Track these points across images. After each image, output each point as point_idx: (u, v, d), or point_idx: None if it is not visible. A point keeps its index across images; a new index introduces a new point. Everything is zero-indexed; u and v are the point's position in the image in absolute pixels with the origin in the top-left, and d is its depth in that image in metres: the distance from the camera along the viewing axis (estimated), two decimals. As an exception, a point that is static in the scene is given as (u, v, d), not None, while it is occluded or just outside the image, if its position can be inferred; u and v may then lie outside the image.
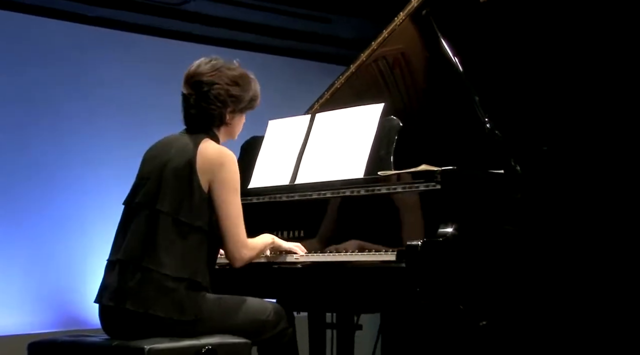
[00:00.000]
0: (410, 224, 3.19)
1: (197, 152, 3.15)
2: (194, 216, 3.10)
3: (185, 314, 3.04)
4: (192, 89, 3.28)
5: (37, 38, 6.96)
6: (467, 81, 3.67)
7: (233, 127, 3.38)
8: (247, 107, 3.38)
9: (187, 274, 3.06)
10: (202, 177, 3.12)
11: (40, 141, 6.88)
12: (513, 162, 3.50)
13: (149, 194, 3.17)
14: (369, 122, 3.57)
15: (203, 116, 3.28)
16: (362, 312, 3.83)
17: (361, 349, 3.93)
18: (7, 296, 6.75)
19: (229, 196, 3.16)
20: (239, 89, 3.30)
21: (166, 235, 3.07)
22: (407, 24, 3.84)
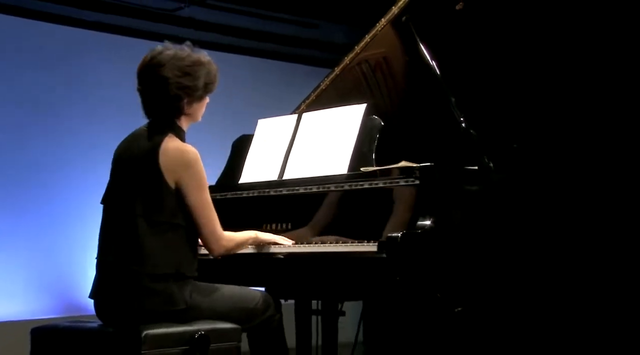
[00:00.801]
0: (390, 217, 3.18)
1: (160, 153, 3.06)
2: (168, 215, 3.05)
3: (177, 304, 3.03)
4: (144, 85, 3.20)
5: (37, 42, 6.95)
6: (444, 83, 3.67)
7: (194, 113, 3.25)
8: (204, 93, 3.25)
9: (172, 269, 3.04)
10: (168, 177, 3.04)
11: (40, 141, 6.88)
12: (486, 158, 3.51)
13: (122, 195, 3.11)
14: (352, 121, 3.57)
15: (160, 110, 3.18)
16: (345, 300, 3.83)
17: (344, 333, 3.93)
18: (12, 285, 6.76)
19: (199, 195, 3.10)
20: (190, 79, 3.16)
21: (146, 237, 3.03)
22: (388, 29, 3.84)
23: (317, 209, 3.49)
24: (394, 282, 3.04)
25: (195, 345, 2.94)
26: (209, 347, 2.97)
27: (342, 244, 3.25)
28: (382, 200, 3.26)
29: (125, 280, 3.03)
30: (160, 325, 2.95)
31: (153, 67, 3.17)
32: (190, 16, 7.50)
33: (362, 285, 3.55)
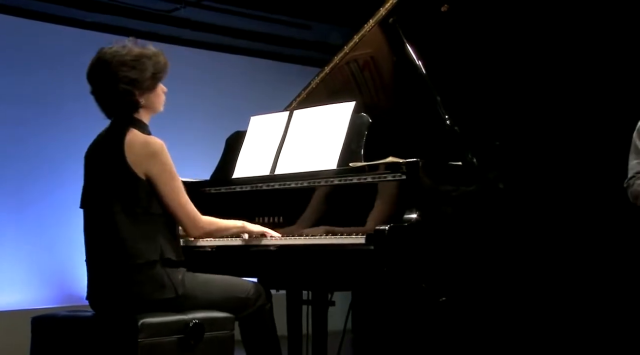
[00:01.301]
0: (378, 211, 3.18)
1: (125, 148, 3.04)
2: (144, 205, 3.04)
3: (166, 291, 3.01)
4: (94, 86, 3.19)
5: (39, 41, 6.97)
6: (429, 83, 3.67)
7: (151, 104, 3.20)
8: (153, 83, 3.18)
9: (157, 256, 3.02)
10: (136, 169, 3.02)
11: (43, 137, 6.90)
12: (470, 155, 3.51)
13: (99, 195, 3.11)
14: (342, 118, 3.56)
15: (116, 107, 3.16)
16: (334, 290, 3.83)
17: (334, 323, 3.93)
18: (14, 276, 6.77)
19: (170, 183, 3.07)
20: (136, 72, 3.11)
21: (126, 229, 3.01)
22: (376, 30, 3.83)
23: (307, 202, 3.49)
24: (381, 273, 3.05)
25: (190, 334, 2.94)
26: (204, 335, 2.97)
27: (331, 236, 3.25)
28: (370, 195, 3.26)
29: (114, 276, 3.02)
30: (156, 314, 2.94)
31: (99, 67, 3.16)
32: (186, 17, 7.50)
33: (351, 276, 3.56)
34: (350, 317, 4.33)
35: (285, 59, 8.51)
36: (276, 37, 8.19)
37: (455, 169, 3.42)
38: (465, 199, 3.42)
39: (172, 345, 2.91)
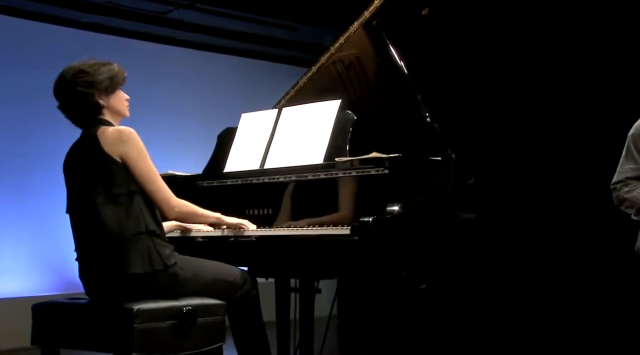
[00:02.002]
0: (362, 203, 3.18)
1: (99, 138, 3.05)
2: (123, 185, 3.04)
3: (156, 263, 3.00)
4: (59, 99, 3.23)
5: (40, 42, 6.96)
6: (411, 82, 3.68)
7: (114, 106, 3.21)
8: (112, 85, 3.19)
9: (142, 228, 3.02)
10: (112, 153, 3.03)
11: (43, 132, 6.89)
12: (449, 150, 3.52)
13: (81, 188, 3.10)
14: (328, 115, 3.56)
15: (81, 112, 3.19)
16: (321, 278, 3.82)
17: (320, 309, 3.93)
18: (16, 264, 6.77)
19: (143, 164, 3.07)
20: (90, 75, 3.14)
21: (108, 210, 3.01)
22: (361, 32, 3.83)
23: (295, 195, 3.48)
24: (365, 262, 3.05)
25: (183, 319, 2.93)
26: (196, 321, 2.97)
27: (318, 227, 3.25)
28: (355, 188, 3.26)
29: (104, 253, 3.01)
30: (151, 301, 2.94)
31: (60, 80, 3.22)
32: (179, 18, 7.49)
33: (337, 265, 3.56)
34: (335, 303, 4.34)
35: (274, 59, 8.52)
36: (265, 38, 8.18)
37: (435, 164, 3.42)
38: (444, 192, 3.42)
39: (166, 331, 2.90)
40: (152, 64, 7.09)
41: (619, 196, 3.10)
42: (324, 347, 3.88)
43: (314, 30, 7.72)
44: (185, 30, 7.70)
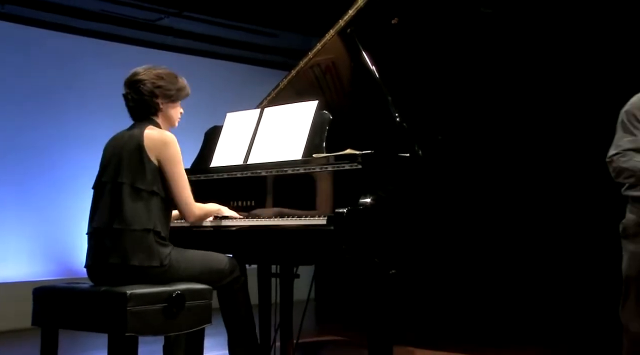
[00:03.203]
0: (337, 196, 3.18)
1: (144, 136, 3.11)
2: (148, 183, 3.06)
3: (154, 259, 3.01)
4: (128, 89, 3.23)
5: (42, 47, 6.96)
6: (382, 85, 3.67)
7: (169, 114, 3.29)
8: (177, 96, 3.29)
9: (150, 226, 3.03)
10: (150, 153, 3.08)
11: (45, 128, 6.97)
12: (416, 147, 3.52)
13: (111, 173, 3.12)
14: (306, 115, 3.55)
15: (140, 107, 3.22)
16: (299, 265, 3.82)
17: (299, 293, 3.93)
18: (18, 251, 6.77)
19: (176, 169, 3.13)
20: (163, 82, 3.22)
21: (128, 200, 3.04)
22: (336, 39, 3.82)
23: (276, 188, 3.47)
24: (340, 250, 3.05)
25: (173, 303, 2.92)
26: (185, 304, 2.96)
27: (297, 218, 3.24)
28: (331, 182, 3.25)
29: (111, 239, 3.01)
30: (143, 286, 2.93)
31: (134, 75, 3.24)
32: (169, 26, 7.50)
33: (314, 252, 3.56)
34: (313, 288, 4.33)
35: (256, 63, 8.52)
36: (248, 43, 8.20)
37: (403, 160, 3.43)
38: (412, 185, 3.43)
39: (157, 313, 2.89)
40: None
41: (618, 167, 2.94)
42: (302, 328, 3.88)
43: (293, 37, 7.73)
44: (174, 37, 7.71)
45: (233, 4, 7.15)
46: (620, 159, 2.93)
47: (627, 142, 2.94)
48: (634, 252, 2.98)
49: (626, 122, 2.96)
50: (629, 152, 2.92)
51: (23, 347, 5.45)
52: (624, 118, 2.99)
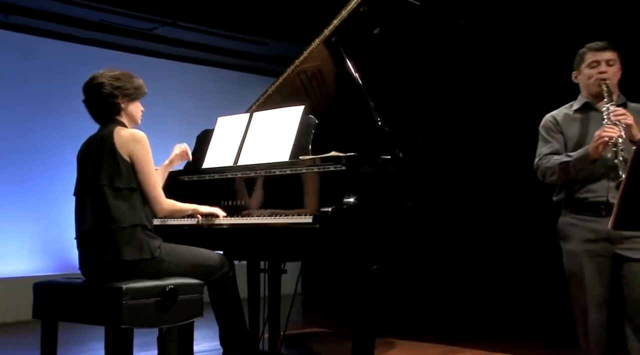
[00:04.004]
0: (322, 195, 3.17)
1: (114, 136, 3.06)
2: (126, 181, 3.03)
3: (145, 252, 2.99)
4: (87, 94, 3.19)
5: (43, 55, 6.98)
6: (364, 91, 3.67)
7: (131, 112, 3.22)
8: (135, 94, 3.22)
9: (137, 221, 3.01)
10: (122, 152, 3.04)
11: (45, 130, 7.01)
12: (397, 150, 3.52)
13: (90, 177, 3.08)
14: (293, 119, 3.54)
15: (102, 109, 3.17)
16: (287, 261, 3.82)
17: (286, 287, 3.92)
18: (19, 248, 6.77)
19: (146, 167, 3.08)
20: (121, 82, 3.16)
21: (112, 200, 3.00)
22: (322, 47, 3.82)
23: (265, 188, 3.46)
24: (325, 246, 3.04)
25: (166, 297, 2.91)
26: (178, 298, 2.94)
27: (284, 216, 3.23)
28: (316, 182, 3.24)
29: (102, 238, 2.99)
30: (138, 280, 2.91)
31: (92, 80, 3.19)
32: (163, 35, 7.51)
33: (300, 249, 3.55)
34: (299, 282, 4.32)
35: (246, 70, 8.54)
36: (239, 52, 8.21)
37: (385, 162, 3.42)
38: (393, 185, 3.42)
39: (151, 307, 2.88)
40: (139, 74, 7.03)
41: (542, 169, 3.12)
42: (289, 320, 3.87)
43: (281, 45, 7.73)
44: (169, 45, 7.72)
45: (224, 14, 7.15)
46: (542, 162, 3.11)
47: (545, 148, 3.12)
48: (569, 251, 3.09)
49: (543, 134, 3.17)
50: (548, 155, 3.10)
51: (24, 339, 5.43)
52: (541, 132, 3.19)
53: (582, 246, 3.03)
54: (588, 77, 3.06)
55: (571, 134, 3.09)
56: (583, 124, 3.08)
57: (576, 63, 3.14)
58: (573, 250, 3.06)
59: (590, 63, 3.05)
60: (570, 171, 3.01)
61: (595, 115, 3.05)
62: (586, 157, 2.93)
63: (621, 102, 3.07)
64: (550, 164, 3.07)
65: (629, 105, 3.10)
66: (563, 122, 3.13)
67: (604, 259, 2.99)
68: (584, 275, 3.00)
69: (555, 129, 3.13)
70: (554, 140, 3.12)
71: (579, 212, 3.06)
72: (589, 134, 3.01)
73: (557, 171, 3.05)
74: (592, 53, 3.05)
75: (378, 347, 3.42)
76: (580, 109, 3.12)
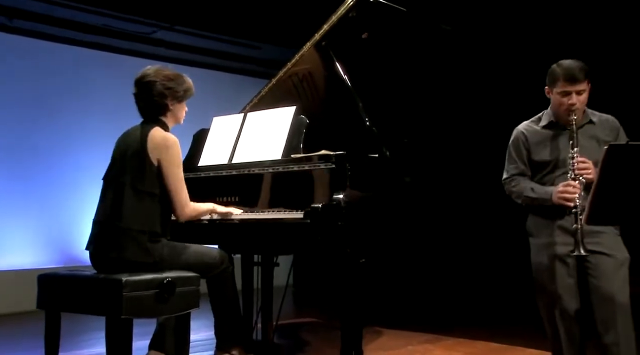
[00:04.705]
0: (313, 192, 3.16)
1: (148, 138, 3.02)
2: (148, 184, 3.00)
3: (148, 256, 2.98)
4: (138, 88, 3.14)
5: (47, 57, 6.97)
6: (353, 92, 3.66)
7: (176, 113, 3.20)
8: (184, 96, 3.20)
9: (148, 227, 2.99)
10: (152, 155, 3.01)
11: (49, 130, 7.03)
12: (384, 149, 3.52)
13: (116, 172, 3.07)
14: (285, 119, 3.54)
15: (150, 107, 3.14)
16: (279, 254, 3.80)
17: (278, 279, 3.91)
18: (24, 242, 6.76)
19: (174, 170, 3.04)
20: (173, 83, 3.13)
21: (129, 200, 2.98)
22: (312, 51, 3.81)
23: (258, 185, 3.45)
24: (315, 241, 3.04)
25: (164, 289, 2.89)
26: (175, 290, 2.93)
27: (276, 212, 3.22)
28: (307, 180, 3.24)
29: (110, 234, 2.98)
30: (138, 273, 2.89)
31: (144, 76, 3.14)
32: (161, 38, 7.52)
33: (292, 243, 3.54)
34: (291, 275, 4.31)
35: (240, 72, 8.54)
36: (233, 54, 8.21)
37: (373, 160, 3.42)
38: (380, 183, 3.42)
39: (150, 298, 2.86)
40: (138, 76, 7.10)
41: (508, 189, 3.24)
42: (281, 311, 3.86)
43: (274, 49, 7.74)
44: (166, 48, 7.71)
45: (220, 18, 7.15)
46: (511, 183, 3.22)
47: (512, 168, 3.22)
48: (535, 245, 3.15)
49: (511, 152, 3.25)
50: (516, 176, 3.20)
51: (29, 328, 5.41)
52: (510, 148, 3.27)
53: (549, 240, 3.07)
54: (559, 104, 3.09)
55: (539, 151, 3.17)
56: (551, 142, 3.15)
57: (549, 80, 3.13)
58: (541, 243, 3.10)
59: (561, 91, 3.07)
60: (534, 204, 3.13)
61: (562, 133, 3.11)
62: (548, 201, 3.03)
63: (585, 121, 3.13)
64: (516, 190, 3.19)
65: (594, 117, 3.16)
66: (532, 138, 3.19)
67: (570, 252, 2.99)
68: (551, 266, 3.04)
69: (523, 147, 3.20)
70: (519, 160, 3.21)
71: (546, 211, 3.10)
72: (557, 151, 3.11)
73: (522, 199, 3.17)
74: (563, 83, 3.05)
75: (366, 335, 3.42)
76: (548, 126, 3.18)
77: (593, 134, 3.11)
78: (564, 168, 3.03)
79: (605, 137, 3.10)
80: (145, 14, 6.89)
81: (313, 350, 3.88)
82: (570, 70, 3.05)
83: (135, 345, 2.87)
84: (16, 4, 6.50)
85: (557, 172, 3.07)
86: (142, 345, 3.38)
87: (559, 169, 3.07)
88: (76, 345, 4.56)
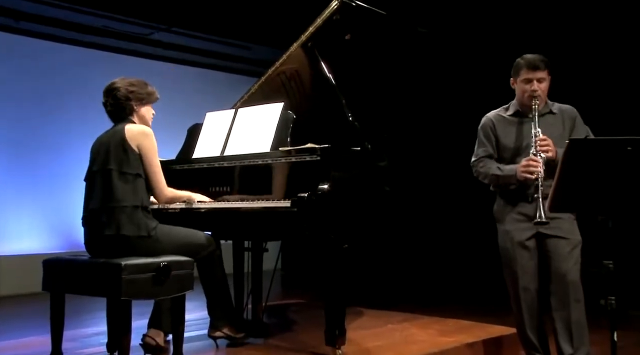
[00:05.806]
0: (300, 183, 3.14)
1: (125, 130, 3.07)
2: (132, 168, 3.03)
3: (142, 230, 2.98)
4: (106, 96, 3.21)
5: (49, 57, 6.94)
6: (337, 89, 3.65)
7: (142, 114, 3.24)
8: (148, 100, 3.24)
9: (138, 203, 3.01)
10: (132, 143, 3.05)
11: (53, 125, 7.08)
12: (366, 143, 3.51)
13: (101, 163, 3.07)
14: (273, 114, 3.52)
15: (117, 109, 3.18)
16: (268, 240, 3.79)
17: (268, 264, 3.90)
18: (30, 228, 6.76)
19: (152, 158, 3.09)
20: (135, 87, 3.19)
21: (117, 183, 3.00)
22: (299, 51, 3.79)
23: (248, 176, 3.43)
24: (302, 227, 3.04)
25: (160, 272, 2.88)
26: (171, 273, 2.92)
27: (265, 201, 3.21)
28: (294, 171, 3.22)
29: (106, 215, 2.99)
30: (135, 258, 2.89)
31: (110, 85, 3.23)
32: (159, 39, 7.49)
33: (280, 230, 3.54)
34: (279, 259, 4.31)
35: (232, 71, 8.54)
36: (225, 54, 8.21)
37: (355, 153, 3.41)
38: (362, 174, 3.41)
39: (147, 281, 2.85)
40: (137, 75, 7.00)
41: (477, 171, 3.28)
42: (270, 293, 3.86)
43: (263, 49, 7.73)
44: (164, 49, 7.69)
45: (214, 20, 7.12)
46: (479, 164, 3.27)
47: (482, 151, 3.27)
48: (502, 230, 3.23)
49: (481, 136, 3.30)
50: (484, 158, 3.25)
51: (36, 309, 5.40)
52: (479, 133, 3.31)
53: (512, 226, 3.17)
54: (522, 91, 3.16)
55: (505, 136, 3.22)
56: (516, 128, 3.21)
57: (514, 71, 3.23)
58: (506, 229, 3.19)
59: (524, 79, 3.14)
60: (500, 182, 3.19)
61: (526, 120, 3.17)
62: (513, 178, 3.10)
63: (546, 111, 3.20)
64: (483, 170, 3.23)
65: (554, 108, 3.23)
66: (499, 125, 3.25)
67: (531, 236, 3.13)
68: (515, 250, 3.14)
69: (491, 132, 3.26)
70: (488, 144, 3.26)
71: (510, 198, 3.19)
72: (522, 137, 3.16)
73: (489, 178, 3.22)
74: (526, 71, 3.14)
75: (348, 315, 3.42)
76: (514, 114, 3.24)
77: (553, 122, 3.19)
78: (528, 154, 3.07)
79: (564, 124, 3.19)
80: (143, 16, 6.86)
81: (299, 329, 3.87)
82: (532, 60, 3.14)
83: (134, 325, 2.87)
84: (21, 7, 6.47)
85: (522, 157, 3.12)
86: (141, 324, 3.37)
87: (524, 154, 3.13)
88: (80, 324, 4.55)
